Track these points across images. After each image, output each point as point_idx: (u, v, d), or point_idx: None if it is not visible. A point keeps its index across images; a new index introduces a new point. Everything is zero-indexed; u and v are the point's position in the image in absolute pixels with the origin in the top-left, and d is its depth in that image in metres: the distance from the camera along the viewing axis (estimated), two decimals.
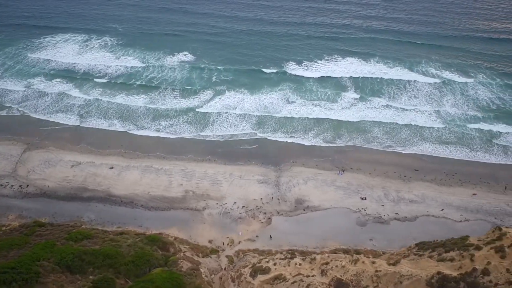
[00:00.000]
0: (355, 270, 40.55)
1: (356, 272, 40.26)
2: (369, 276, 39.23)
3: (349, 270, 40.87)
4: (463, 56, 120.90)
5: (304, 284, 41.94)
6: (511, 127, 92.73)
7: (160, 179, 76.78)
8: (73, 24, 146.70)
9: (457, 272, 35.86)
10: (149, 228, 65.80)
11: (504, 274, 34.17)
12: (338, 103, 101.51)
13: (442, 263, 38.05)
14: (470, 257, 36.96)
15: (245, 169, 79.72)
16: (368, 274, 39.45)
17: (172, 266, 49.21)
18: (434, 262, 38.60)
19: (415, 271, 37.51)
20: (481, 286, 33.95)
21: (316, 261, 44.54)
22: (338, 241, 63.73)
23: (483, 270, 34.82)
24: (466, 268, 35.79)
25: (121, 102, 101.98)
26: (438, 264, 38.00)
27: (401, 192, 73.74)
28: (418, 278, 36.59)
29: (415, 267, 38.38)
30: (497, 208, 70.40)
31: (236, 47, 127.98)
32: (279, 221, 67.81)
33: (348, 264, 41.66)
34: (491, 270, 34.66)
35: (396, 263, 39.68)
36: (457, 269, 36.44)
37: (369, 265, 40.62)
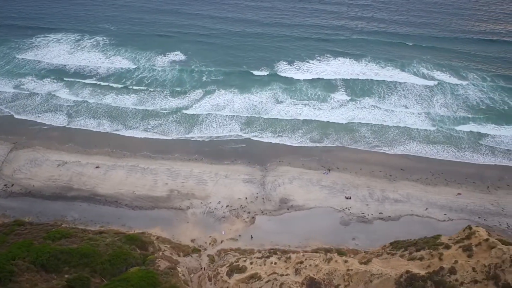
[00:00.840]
0: (327, 269, 40.51)
1: (329, 271, 40.22)
2: (341, 275, 39.19)
3: (322, 269, 40.82)
4: (455, 57, 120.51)
5: (277, 283, 41.91)
6: (499, 128, 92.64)
7: (145, 179, 76.76)
8: (66, 24, 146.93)
9: (425, 271, 35.82)
10: (132, 228, 65.76)
11: (470, 273, 34.13)
12: (327, 103, 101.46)
13: (412, 262, 38.03)
14: (439, 256, 36.92)
15: (231, 168, 79.72)
16: (340, 273, 39.41)
17: (150, 265, 49.14)
18: (405, 261, 38.59)
19: (385, 270, 37.47)
20: (448, 284, 33.90)
21: (291, 260, 44.51)
22: (321, 241, 63.68)
23: (450, 269, 34.77)
24: (434, 267, 35.75)
25: (111, 102, 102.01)
26: (408, 263, 37.98)
27: (386, 192, 73.70)
28: (388, 277, 36.56)
29: (386, 266, 38.34)
30: (481, 207, 70.37)
31: (228, 48, 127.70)
32: (263, 221, 67.77)
33: (322, 263, 41.62)
34: (457, 269, 34.61)
35: (367, 262, 39.63)
36: (425, 268, 36.40)
37: (342, 264, 40.59)
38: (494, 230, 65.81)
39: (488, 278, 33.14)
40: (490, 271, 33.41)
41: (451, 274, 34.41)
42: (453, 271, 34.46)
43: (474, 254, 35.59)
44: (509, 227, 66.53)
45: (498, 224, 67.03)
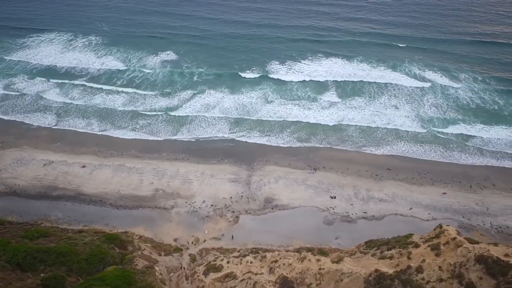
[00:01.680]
0: (300, 268, 40.47)
1: (301, 270, 40.17)
2: (313, 274, 39.15)
3: (295, 268, 40.79)
4: (447, 58, 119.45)
5: (251, 282, 41.88)
6: (488, 128, 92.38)
7: (131, 178, 76.77)
8: (60, 23, 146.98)
9: (393, 269, 35.76)
10: (115, 227, 65.79)
11: (436, 272, 34.05)
12: (317, 103, 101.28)
13: (382, 260, 37.96)
14: (408, 255, 36.87)
15: (218, 168, 79.70)
16: (312, 272, 39.37)
17: (127, 264, 49.12)
18: (375, 259, 38.51)
19: (356, 269, 37.42)
20: (414, 283, 33.84)
21: (267, 259, 44.50)
22: (304, 240, 63.57)
23: (417, 267, 34.71)
24: (402, 266, 35.70)
25: (100, 102, 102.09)
26: (378, 262, 37.91)
27: (371, 191, 73.62)
28: (357, 276, 36.51)
29: (356, 265, 38.29)
30: (465, 207, 70.28)
31: (219, 49, 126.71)
32: (247, 220, 67.74)
33: (295, 262, 41.59)
34: (424, 267, 34.55)
35: (339, 261, 39.60)
36: (394, 266, 36.34)
37: (314, 263, 40.55)
38: (478, 230, 65.97)
39: (453, 276, 33.08)
40: (455, 269, 33.36)
41: (418, 273, 34.36)
42: (420, 270, 34.41)
43: (441, 253, 35.54)
44: (492, 226, 66.42)
45: (481, 223, 66.92)
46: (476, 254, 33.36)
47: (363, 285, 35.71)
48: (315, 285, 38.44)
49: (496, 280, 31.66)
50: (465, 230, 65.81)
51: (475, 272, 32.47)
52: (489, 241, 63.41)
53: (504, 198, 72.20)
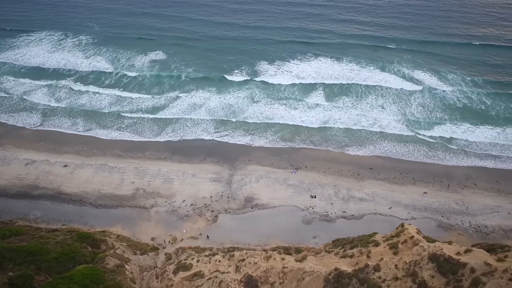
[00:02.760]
0: (265, 266, 40.45)
1: (266, 269, 40.16)
2: (276, 273, 39.14)
3: (260, 266, 40.78)
4: (436, 60, 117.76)
5: (217, 280, 41.88)
6: (474, 129, 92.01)
7: (112, 177, 76.76)
8: (50, 22, 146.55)
9: (352, 268, 35.75)
10: (94, 226, 65.87)
11: (393, 270, 34.01)
12: (303, 104, 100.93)
13: (343, 259, 37.93)
14: (367, 253, 36.82)
15: (200, 167, 79.71)
16: (276, 271, 39.37)
17: (98, 263, 49.07)
18: (337, 258, 38.50)
19: (317, 268, 37.39)
20: (371, 282, 33.79)
21: (234, 258, 44.47)
22: (281, 239, 63.60)
23: (375, 266, 34.67)
24: (360, 264, 35.66)
25: (86, 102, 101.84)
26: (339, 261, 37.89)
27: (352, 191, 73.60)
28: (318, 275, 36.48)
29: (319, 264, 38.27)
30: (445, 206, 70.28)
31: (209, 50, 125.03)
32: (226, 219, 67.76)
33: (261, 260, 41.57)
34: (382, 266, 34.51)
35: (302, 260, 39.60)
36: (353, 265, 36.30)
37: (279, 261, 40.54)
38: (456, 229, 66.03)
39: (407, 275, 33.04)
40: (410, 268, 33.33)
41: (376, 271, 34.32)
42: (378, 269, 34.38)
43: (399, 252, 35.51)
44: (471, 225, 66.41)
45: (460, 223, 66.91)
46: (429, 253, 33.32)
47: (322, 284, 35.68)
48: (278, 283, 38.43)
49: (447, 279, 31.62)
50: (443, 229, 66.03)
51: (428, 270, 32.42)
52: (467, 240, 63.74)
53: (484, 197, 72.18)
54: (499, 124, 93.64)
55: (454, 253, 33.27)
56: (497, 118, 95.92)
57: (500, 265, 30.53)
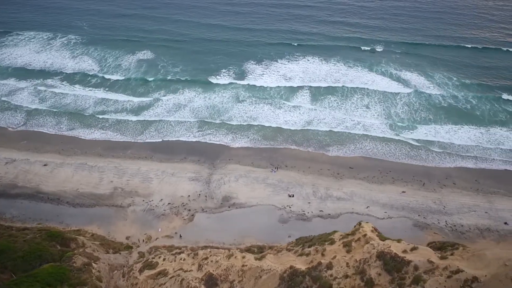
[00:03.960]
0: (226, 265, 40.43)
1: (226, 267, 40.14)
2: (236, 271, 39.12)
3: (221, 265, 40.75)
4: (424, 62, 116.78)
5: (179, 279, 41.86)
6: (457, 128, 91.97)
7: (91, 176, 76.71)
8: (39, 23, 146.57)
9: (306, 266, 35.69)
10: (69, 225, 65.88)
11: (344, 268, 33.97)
12: (289, 103, 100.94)
13: (300, 257, 37.91)
14: (322, 251, 36.80)
15: (180, 166, 79.65)
16: (235, 269, 39.35)
17: (65, 261, 49.05)
18: (294, 256, 38.46)
19: (274, 266, 37.37)
20: (323, 280, 33.74)
21: (198, 257, 44.45)
22: (257, 238, 63.49)
23: (327, 264, 34.65)
24: (314, 262, 35.63)
25: (71, 101, 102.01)
26: (296, 259, 37.86)
27: (330, 190, 73.52)
28: (274, 273, 36.46)
29: (276, 262, 38.24)
30: (423, 205, 70.19)
31: (197, 52, 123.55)
32: (202, 218, 67.70)
33: (223, 259, 41.54)
34: (334, 264, 34.49)
35: (262, 258, 39.56)
36: (308, 263, 36.26)
37: (240, 260, 40.50)
38: (432, 228, 65.95)
39: (357, 273, 33.00)
40: (360, 266, 33.29)
41: (328, 269, 34.30)
42: (330, 267, 34.35)
43: (352, 250, 35.46)
44: (447, 224, 66.34)
45: (436, 222, 66.84)
46: (378, 251, 33.27)
47: (278, 282, 35.64)
48: (237, 281, 38.42)
49: (392, 276, 31.56)
50: (419, 228, 65.98)
51: (375, 268, 32.37)
52: (442, 239, 63.59)
53: (462, 196, 72.13)
54: (483, 125, 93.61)
55: (400, 251, 33.21)
56: (482, 118, 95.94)
57: (442, 263, 30.45)
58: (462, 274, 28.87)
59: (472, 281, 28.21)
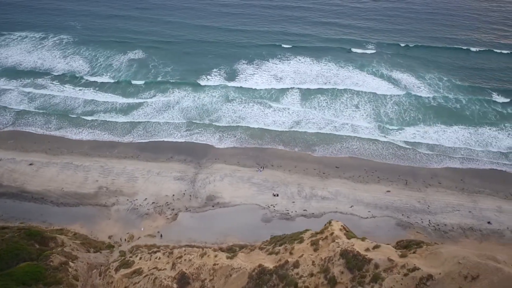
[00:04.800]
0: (198, 263, 40.41)
1: (199, 266, 40.12)
2: (207, 270, 39.10)
3: (194, 263, 40.72)
4: (415, 63, 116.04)
5: (152, 277, 41.83)
6: (446, 128, 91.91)
7: (77, 176, 76.67)
8: (31, 21, 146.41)
9: (274, 264, 35.67)
10: (52, 224, 65.83)
11: (309, 266, 33.94)
12: (278, 103, 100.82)
13: (270, 256, 37.90)
14: (291, 250, 36.78)
15: (166, 166, 79.61)
16: (207, 268, 39.34)
17: (43, 260, 48.98)
18: (264, 255, 38.46)
19: (244, 264, 37.36)
20: (289, 278, 33.71)
21: (173, 255, 44.40)
22: (238, 237, 63.47)
23: (294, 262, 34.63)
24: (282, 261, 35.61)
25: (60, 101, 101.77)
26: (265, 257, 37.85)
27: (315, 189, 73.51)
28: (243, 271, 36.45)
29: (247, 260, 38.23)
30: (407, 205, 70.19)
31: (188, 53, 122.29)
32: (185, 217, 67.69)
33: (196, 257, 41.52)
34: (301, 262, 34.47)
35: (233, 257, 39.53)
36: (277, 261, 36.25)
37: (212, 258, 40.47)
38: (415, 227, 65.95)
39: (321, 271, 32.99)
40: (324, 264, 33.25)
41: (295, 268, 34.28)
42: (297, 265, 34.33)
43: (319, 248, 35.43)
44: (430, 224, 66.33)
45: (420, 221, 66.83)
46: (342, 249, 33.25)
47: (246, 280, 35.62)
48: (209, 280, 38.40)
49: (353, 274, 31.52)
50: (402, 228, 65.98)
51: (338, 266, 32.35)
52: (425, 239, 63.48)
53: (447, 196, 72.17)
54: (471, 125, 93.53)
55: (363, 249, 33.18)
56: (472, 118, 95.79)
57: (401, 261, 30.42)
58: (418, 272, 28.87)
59: (427, 279, 28.20)
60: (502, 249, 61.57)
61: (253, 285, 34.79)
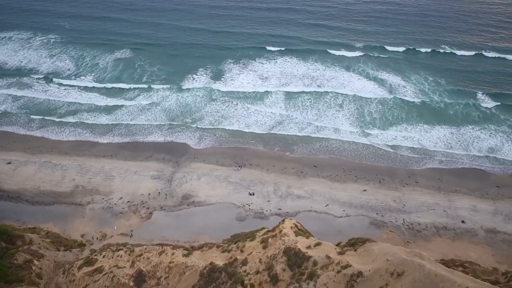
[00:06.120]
0: (155, 261, 40.41)
1: (156, 264, 40.11)
2: (163, 267, 39.06)
3: (152, 261, 40.72)
4: (402, 65, 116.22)
5: (111, 275, 41.83)
6: (429, 129, 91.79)
7: (54, 174, 76.65)
8: (21, 21, 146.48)
9: (224, 262, 35.63)
10: (26, 223, 65.85)
11: (257, 264, 33.90)
12: (262, 102, 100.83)
13: (222, 253, 37.88)
14: (242, 247, 36.74)
15: (144, 165, 79.56)
16: (163, 265, 39.31)
17: (7, 258, 48.93)
18: (218, 253, 38.45)
19: (197, 262, 37.37)
20: (237, 275, 33.67)
21: (134, 253, 44.35)
22: (211, 236, 63.18)
23: (243, 260, 34.60)
24: (232, 259, 35.55)
25: (44, 100, 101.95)
26: (218, 255, 37.82)
27: (292, 188, 73.44)
28: (196, 269, 36.46)
29: (201, 258, 38.22)
30: (382, 204, 70.15)
31: (175, 55, 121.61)
32: (159, 216, 67.63)
33: (154, 255, 41.52)
34: (249, 260, 34.44)
35: (188, 255, 39.50)
36: (228, 259, 36.21)
37: (169, 256, 40.43)
38: (389, 226, 65.91)
39: (266, 268, 32.92)
40: (270, 262, 33.21)
41: (243, 265, 34.28)
42: (245, 263, 34.31)
43: (268, 246, 35.38)
44: (404, 223, 66.27)
45: (394, 220, 66.80)
46: (286, 247, 33.19)
47: (198, 278, 35.60)
48: (164, 278, 38.38)
49: (293, 272, 31.46)
50: (375, 227, 65.95)
51: (281, 264, 32.32)
52: (398, 238, 63.59)
53: (423, 195, 72.12)
54: (454, 125, 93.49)
55: (305, 247, 33.13)
56: (455, 118, 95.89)
57: (337, 258, 30.38)
58: (350, 269, 28.81)
59: (357, 276, 28.14)
60: (474, 248, 61.77)
61: (203, 283, 34.78)
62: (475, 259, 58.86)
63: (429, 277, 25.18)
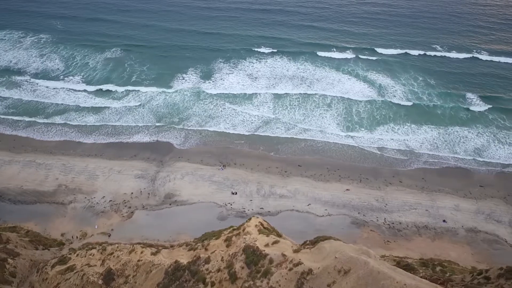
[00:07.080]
0: (125, 259, 40.33)
1: (125, 262, 40.02)
2: (132, 266, 39.01)
3: (121, 260, 40.64)
4: (393, 67, 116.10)
5: (82, 274, 41.77)
6: (417, 129, 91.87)
7: (38, 174, 76.57)
8: (12, 21, 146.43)
9: (188, 260, 35.58)
10: (7, 221, 65.83)
11: (218, 262, 33.83)
12: (250, 102, 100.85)
13: (188, 252, 37.83)
14: (206, 246, 36.71)
15: (128, 164, 79.51)
16: (132, 264, 39.25)
17: None
18: (184, 251, 38.38)
19: (164, 260, 37.33)
20: (199, 273, 33.62)
21: (106, 252, 44.26)
22: (191, 235, 62.69)
23: (206, 258, 34.55)
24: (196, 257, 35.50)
25: (31, 99, 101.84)
26: (184, 254, 37.76)
27: (275, 187, 73.41)
28: (161, 267, 36.45)
29: (168, 257, 38.17)
30: (364, 203, 70.11)
31: (165, 57, 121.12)
32: (141, 215, 67.57)
33: (124, 254, 41.45)
34: (212, 258, 34.38)
35: (156, 253, 39.47)
36: (192, 257, 36.15)
37: (138, 254, 40.38)
38: (370, 225, 65.87)
39: (227, 266, 32.87)
40: (230, 260, 33.16)
41: (206, 263, 34.20)
42: (208, 261, 34.25)
43: (231, 244, 35.33)
44: (385, 222, 66.26)
45: (375, 219, 66.78)
46: (245, 245, 33.13)
47: (163, 276, 35.55)
48: (132, 276, 38.31)
49: (250, 269, 31.40)
50: (356, 226, 65.93)
51: (240, 262, 32.22)
52: (378, 237, 63.55)
53: (406, 194, 72.13)
54: (441, 125, 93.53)
55: (263, 245, 33.09)
56: (443, 118, 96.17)
57: (291, 256, 30.32)
58: (301, 266, 28.77)
59: (308, 273, 28.08)
60: (454, 247, 61.78)
61: (167, 281, 34.75)
62: (455, 258, 58.83)
63: (372, 275, 25.14)
